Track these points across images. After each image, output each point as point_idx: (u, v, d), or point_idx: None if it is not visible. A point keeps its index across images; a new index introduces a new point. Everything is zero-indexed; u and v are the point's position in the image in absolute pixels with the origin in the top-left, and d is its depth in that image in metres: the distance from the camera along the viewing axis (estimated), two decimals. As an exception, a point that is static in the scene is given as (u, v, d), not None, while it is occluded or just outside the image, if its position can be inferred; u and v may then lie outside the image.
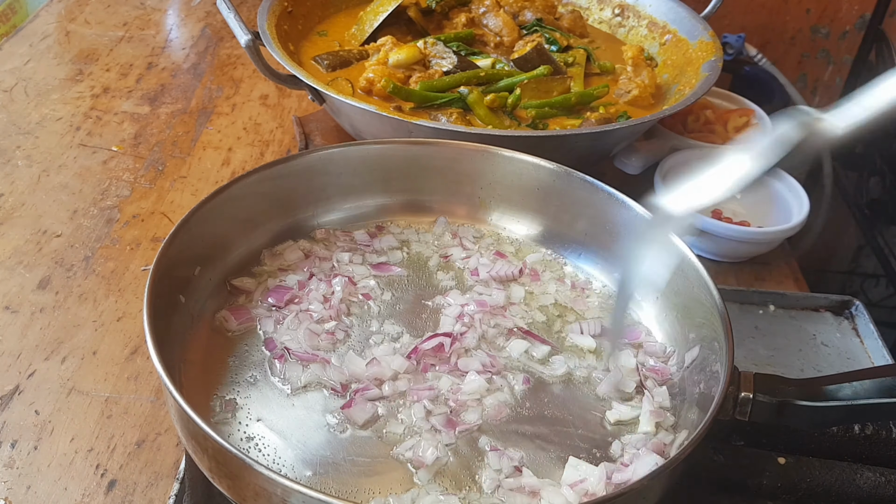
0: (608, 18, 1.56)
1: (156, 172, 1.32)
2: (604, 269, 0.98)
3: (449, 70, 1.28)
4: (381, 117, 1.11)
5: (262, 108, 1.51)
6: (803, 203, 1.20)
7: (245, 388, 0.80)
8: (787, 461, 0.84)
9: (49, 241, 1.16)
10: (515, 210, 1.03)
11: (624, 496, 0.64)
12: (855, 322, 1.10)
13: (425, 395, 0.79)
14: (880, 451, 0.88)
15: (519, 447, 0.77)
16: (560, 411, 0.81)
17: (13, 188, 1.26)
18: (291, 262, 0.95)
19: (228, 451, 0.63)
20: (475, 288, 0.94)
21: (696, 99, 1.20)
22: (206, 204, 0.87)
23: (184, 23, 1.79)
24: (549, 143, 1.11)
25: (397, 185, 1.02)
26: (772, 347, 1.05)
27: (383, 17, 1.38)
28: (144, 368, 0.98)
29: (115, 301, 1.07)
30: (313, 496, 0.60)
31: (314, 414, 0.78)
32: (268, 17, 1.30)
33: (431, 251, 1.00)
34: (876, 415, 0.76)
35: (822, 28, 2.18)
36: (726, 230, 1.15)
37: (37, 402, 0.94)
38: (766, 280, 1.20)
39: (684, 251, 0.86)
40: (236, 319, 0.86)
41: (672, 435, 0.79)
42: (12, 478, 0.86)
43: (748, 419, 0.74)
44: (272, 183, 0.94)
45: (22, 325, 1.03)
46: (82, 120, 1.43)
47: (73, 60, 1.61)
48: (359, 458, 0.75)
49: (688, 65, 1.36)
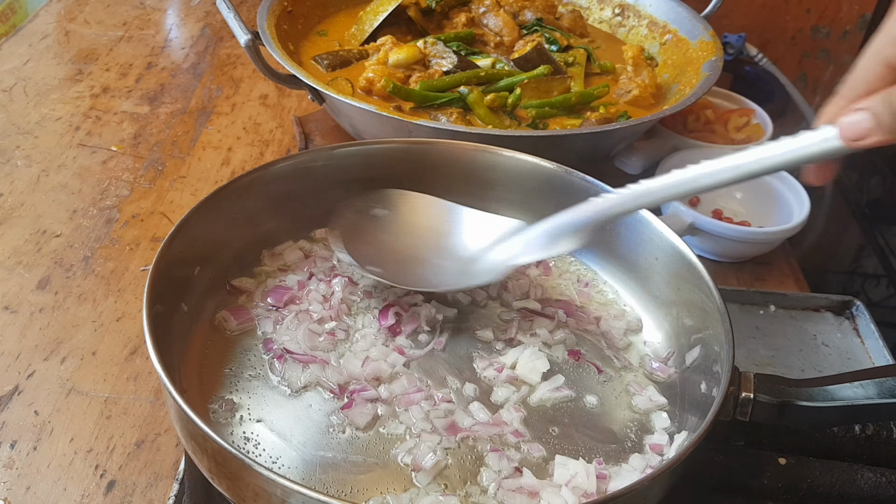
0: (608, 18, 1.56)
1: (155, 172, 1.32)
2: (604, 269, 0.98)
3: (449, 70, 1.27)
4: (381, 117, 1.11)
5: (261, 108, 1.51)
6: (804, 203, 1.19)
7: (245, 389, 0.80)
8: (787, 461, 0.84)
9: (48, 241, 1.16)
10: (515, 210, 1.02)
11: (624, 496, 0.63)
12: (856, 322, 1.10)
13: (420, 398, 0.79)
14: (881, 452, 0.88)
15: (518, 448, 0.77)
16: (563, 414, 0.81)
17: (13, 188, 1.25)
18: (291, 262, 0.95)
19: (228, 451, 0.63)
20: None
21: (697, 99, 1.20)
22: (206, 204, 0.87)
23: (183, 22, 1.79)
24: (549, 143, 1.11)
25: (397, 185, 1.02)
26: (772, 348, 1.05)
27: (383, 16, 1.38)
28: (144, 369, 0.98)
29: (115, 301, 1.07)
30: (313, 496, 0.60)
31: (314, 414, 0.78)
32: (267, 17, 1.29)
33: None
34: (876, 415, 0.76)
35: (823, 28, 2.18)
36: (727, 230, 1.15)
37: (36, 402, 0.94)
38: (767, 280, 1.20)
39: (684, 251, 0.86)
40: (236, 319, 0.86)
41: (672, 435, 0.79)
42: (12, 478, 0.86)
43: (749, 419, 0.74)
44: (272, 183, 0.94)
45: (21, 325, 1.03)
46: (82, 120, 1.43)
47: (72, 60, 1.61)
48: (358, 458, 0.75)
49: (688, 64, 1.36)
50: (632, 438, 0.79)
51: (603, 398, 0.83)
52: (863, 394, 0.72)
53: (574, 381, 0.84)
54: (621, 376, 0.86)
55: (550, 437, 0.78)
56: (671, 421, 0.81)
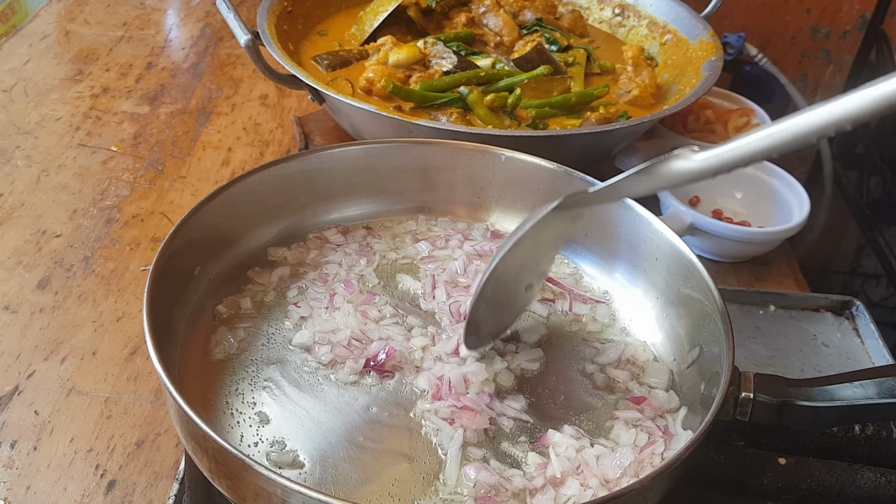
0: (608, 18, 1.56)
1: (155, 172, 1.32)
2: (604, 270, 0.98)
3: (449, 70, 1.28)
4: (381, 117, 1.11)
5: (261, 108, 1.51)
6: (804, 203, 1.19)
7: (245, 388, 0.80)
8: (787, 461, 0.84)
9: (48, 242, 1.16)
10: (515, 210, 1.03)
11: (624, 496, 0.64)
12: (855, 322, 1.10)
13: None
14: (881, 452, 0.88)
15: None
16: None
17: (13, 188, 1.26)
18: (293, 261, 0.95)
19: (228, 451, 0.63)
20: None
21: (697, 99, 1.20)
22: (206, 204, 0.87)
23: (183, 23, 1.79)
24: (549, 143, 1.11)
25: (397, 185, 1.02)
26: (772, 348, 1.05)
27: (383, 16, 1.38)
28: (144, 368, 0.98)
29: (115, 301, 1.07)
30: (313, 496, 0.60)
31: (314, 414, 0.78)
32: (267, 17, 1.29)
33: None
34: (876, 415, 0.76)
35: (823, 28, 2.18)
36: (726, 230, 1.15)
37: (36, 402, 0.94)
38: (767, 280, 1.20)
39: (684, 251, 0.86)
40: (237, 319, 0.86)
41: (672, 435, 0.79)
42: (12, 478, 0.86)
43: (749, 419, 0.74)
44: (272, 183, 0.94)
45: (21, 325, 1.03)
46: (82, 120, 1.43)
47: (72, 60, 1.61)
48: (359, 458, 0.75)
49: (688, 64, 1.36)
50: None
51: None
52: (863, 394, 0.72)
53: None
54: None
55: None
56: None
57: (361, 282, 0.93)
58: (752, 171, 1.27)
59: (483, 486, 0.72)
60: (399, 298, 0.92)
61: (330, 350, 0.83)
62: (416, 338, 0.86)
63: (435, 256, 0.98)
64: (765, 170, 1.26)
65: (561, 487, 0.73)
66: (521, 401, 0.81)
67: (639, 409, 0.81)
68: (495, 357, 0.85)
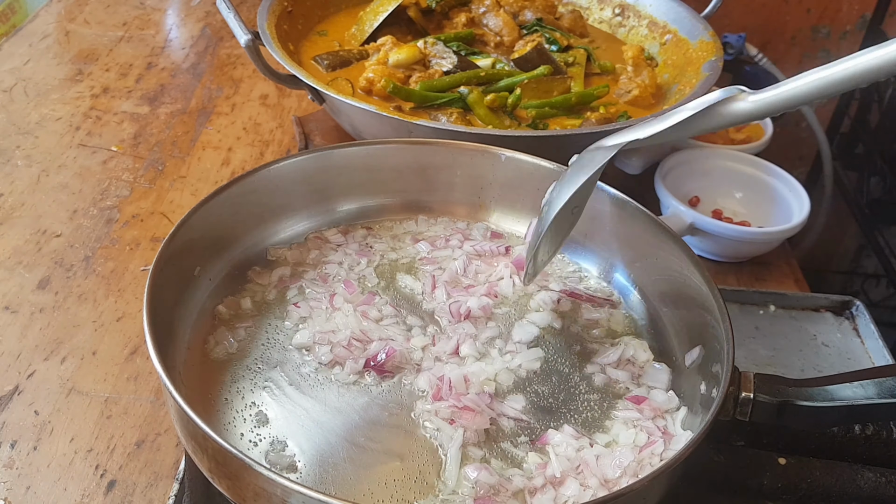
0: (608, 18, 1.56)
1: (155, 172, 1.32)
2: (604, 270, 0.98)
3: (449, 70, 1.28)
4: (381, 117, 1.11)
5: (261, 108, 1.51)
6: (804, 203, 1.19)
7: (245, 388, 0.80)
8: (787, 461, 0.84)
9: (49, 242, 1.16)
10: (515, 210, 1.03)
11: (624, 496, 0.64)
12: (855, 322, 1.10)
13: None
14: (881, 452, 0.88)
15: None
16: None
17: (13, 188, 1.26)
18: (293, 261, 0.95)
19: (228, 451, 0.63)
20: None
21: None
22: (206, 204, 0.87)
23: (183, 23, 1.79)
24: (549, 143, 1.11)
25: (397, 185, 1.02)
26: (772, 348, 1.05)
27: (383, 16, 1.38)
28: (144, 368, 0.98)
29: (115, 301, 1.07)
30: (313, 496, 0.60)
31: (314, 414, 0.78)
32: (267, 17, 1.29)
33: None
34: (876, 415, 0.76)
35: (823, 28, 2.18)
36: (726, 230, 1.15)
37: (36, 402, 0.94)
38: (767, 280, 1.20)
39: (684, 251, 0.86)
40: (237, 319, 0.86)
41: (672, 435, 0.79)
42: (12, 478, 0.86)
43: (749, 419, 0.74)
44: (272, 183, 0.94)
45: (21, 325, 1.03)
46: (82, 120, 1.43)
47: (72, 60, 1.61)
48: (359, 458, 0.75)
49: (688, 64, 1.36)
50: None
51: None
52: (863, 394, 0.72)
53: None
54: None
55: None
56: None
57: (361, 282, 0.93)
58: (752, 170, 1.27)
59: (483, 486, 0.72)
60: (399, 298, 0.92)
61: (330, 350, 0.83)
62: (416, 338, 0.86)
63: (435, 256, 0.98)
64: (765, 170, 1.26)
65: (560, 487, 0.73)
66: (521, 401, 0.81)
67: (638, 409, 0.81)
68: (495, 357, 0.85)
